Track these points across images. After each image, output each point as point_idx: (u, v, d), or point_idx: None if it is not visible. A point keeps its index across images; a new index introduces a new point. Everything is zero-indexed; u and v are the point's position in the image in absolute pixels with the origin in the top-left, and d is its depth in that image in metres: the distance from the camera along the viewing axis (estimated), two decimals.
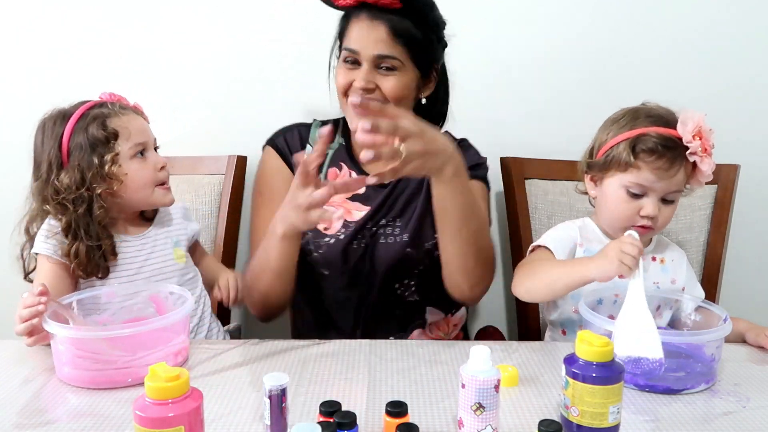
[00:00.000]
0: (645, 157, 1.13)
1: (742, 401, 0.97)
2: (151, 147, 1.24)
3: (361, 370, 1.05)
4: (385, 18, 1.26)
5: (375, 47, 1.26)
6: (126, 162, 1.20)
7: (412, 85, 1.31)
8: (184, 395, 0.75)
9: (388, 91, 1.28)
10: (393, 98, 1.28)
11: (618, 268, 1.03)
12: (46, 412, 0.92)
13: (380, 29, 1.25)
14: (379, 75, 1.28)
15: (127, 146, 1.20)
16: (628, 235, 1.07)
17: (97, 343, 1.00)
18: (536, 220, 1.59)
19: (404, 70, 1.28)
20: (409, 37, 1.26)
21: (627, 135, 1.15)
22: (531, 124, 1.67)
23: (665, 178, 1.13)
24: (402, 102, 1.30)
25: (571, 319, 1.24)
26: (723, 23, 1.64)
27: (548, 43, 1.65)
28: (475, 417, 0.82)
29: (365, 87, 1.27)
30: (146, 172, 1.22)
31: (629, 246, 1.04)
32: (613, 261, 1.04)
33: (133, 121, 1.23)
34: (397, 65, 1.27)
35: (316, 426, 0.77)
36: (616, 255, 1.03)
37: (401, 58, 1.27)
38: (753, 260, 1.74)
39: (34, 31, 1.63)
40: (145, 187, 1.22)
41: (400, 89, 1.28)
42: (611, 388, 0.84)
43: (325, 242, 1.35)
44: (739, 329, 1.16)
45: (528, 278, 1.17)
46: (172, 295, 1.15)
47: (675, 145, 1.12)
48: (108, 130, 1.18)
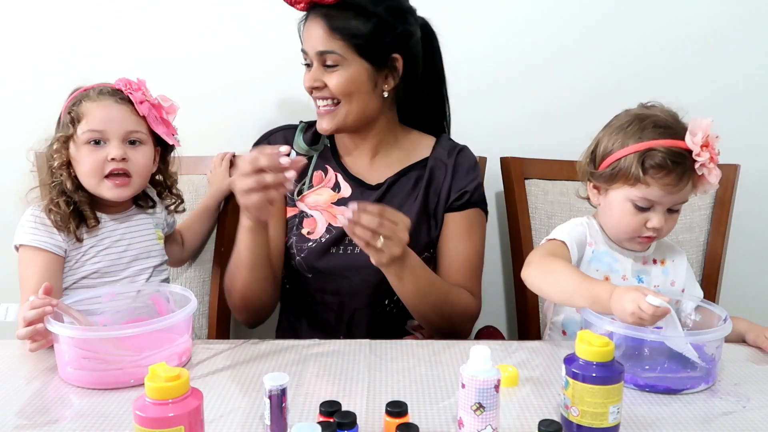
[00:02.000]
0: (654, 173, 1.10)
1: (742, 401, 0.97)
2: (112, 138, 1.21)
3: (361, 370, 1.05)
4: (321, 14, 1.26)
5: (315, 44, 1.27)
6: (79, 147, 1.22)
7: (361, 79, 1.28)
8: (184, 395, 0.75)
9: (333, 87, 1.28)
10: (340, 93, 1.28)
11: (634, 323, 0.98)
12: (47, 413, 0.92)
13: (318, 26, 1.26)
14: (326, 72, 1.28)
15: (81, 131, 1.21)
16: (649, 306, 0.95)
17: (102, 343, 1.00)
18: (536, 220, 1.59)
19: (348, 64, 1.27)
20: (348, 30, 1.25)
21: (635, 148, 1.12)
22: (531, 124, 1.67)
23: (674, 192, 1.12)
24: (354, 96, 1.29)
25: (574, 319, 1.24)
26: (723, 23, 1.64)
27: (548, 43, 1.65)
28: (475, 417, 0.82)
29: (312, 86, 1.29)
30: (91, 161, 1.21)
31: (648, 318, 0.96)
32: (631, 319, 0.97)
33: (100, 109, 1.22)
34: (338, 60, 1.26)
35: (316, 426, 0.77)
36: (632, 315, 0.96)
37: (341, 53, 1.26)
38: (753, 260, 1.74)
39: (27, 29, 1.63)
40: (90, 175, 1.22)
41: (345, 84, 1.27)
42: (611, 388, 0.84)
43: (307, 246, 1.35)
44: (739, 329, 1.16)
45: (545, 278, 1.13)
46: (172, 294, 1.15)
47: (684, 159, 1.10)
48: (73, 113, 1.22)
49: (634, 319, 0.96)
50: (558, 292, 1.12)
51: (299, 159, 1.12)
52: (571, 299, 1.10)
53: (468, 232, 1.36)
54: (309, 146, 1.41)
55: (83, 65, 1.63)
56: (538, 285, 1.15)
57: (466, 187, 1.36)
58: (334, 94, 1.28)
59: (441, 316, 1.28)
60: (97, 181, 1.22)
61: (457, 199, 1.36)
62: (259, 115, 1.64)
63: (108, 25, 1.63)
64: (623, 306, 0.97)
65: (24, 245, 1.20)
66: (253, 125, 1.61)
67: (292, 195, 1.38)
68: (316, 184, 1.38)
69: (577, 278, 1.08)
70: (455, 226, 1.35)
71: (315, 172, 1.39)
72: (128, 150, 1.23)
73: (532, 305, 1.56)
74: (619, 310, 0.98)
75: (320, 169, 1.40)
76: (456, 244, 1.35)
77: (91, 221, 1.23)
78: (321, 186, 1.38)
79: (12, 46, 1.64)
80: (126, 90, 1.24)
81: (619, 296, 0.99)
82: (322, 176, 1.39)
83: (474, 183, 1.37)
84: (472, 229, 1.36)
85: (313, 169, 1.39)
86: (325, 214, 1.36)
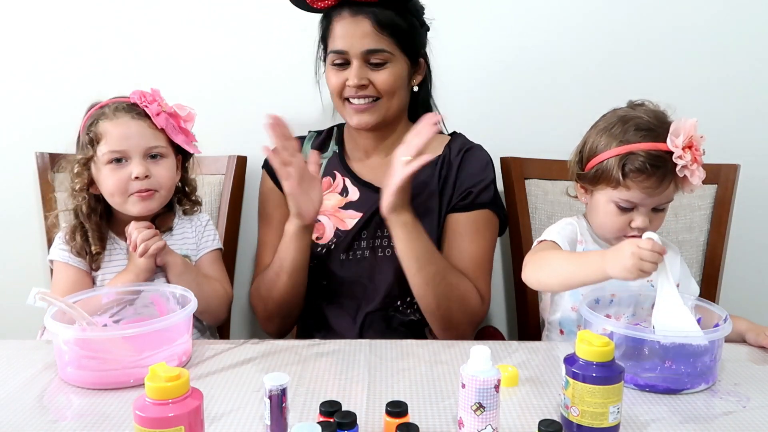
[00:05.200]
0: (634, 176, 1.11)
1: (742, 401, 0.97)
2: (134, 155, 1.21)
3: (361, 370, 1.05)
4: (367, 12, 1.25)
5: (362, 43, 1.25)
6: (100, 167, 1.22)
7: (404, 75, 1.31)
8: (184, 395, 0.75)
9: (382, 86, 1.28)
10: (387, 92, 1.28)
11: (638, 277, 1.01)
12: (47, 413, 0.92)
13: (364, 24, 1.25)
14: (370, 71, 1.27)
15: (101, 152, 1.21)
16: (647, 240, 1.02)
17: (102, 343, 1.00)
18: (536, 220, 1.59)
19: (395, 61, 1.28)
20: (395, 27, 1.26)
21: (616, 152, 1.13)
22: (531, 124, 1.67)
23: (655, 195, 1.13)
24: (396, 94, 1.30)
25: (569, 317, 1.24)
26: (723, 23, 1.64)
27: (548, 43, 1.65)
28: (475, 417, 0.82)
29: (358, 84, 1.27)
30: (114, 181, 1.21)
31: (649, 254, 1.00)
32: (632, 271, 1.00)
33: (118, 128, 1.21)
34: (387, 58, 1.27)
35: (316, 426, 0.77)
36: (634, 265, 0.99)
37: (390, 50, 1.26)
38: (753, 260, 1.74)
39: (27, 35, 1.63)
40: (115, 195, 1.22)
41: (393, 82, 1.28)
42: (611, 388, 0.84)
43: (316, 252, 1.35)
44: (739, 329, 1.16)
45: (541, 270, 1.16)
46: (173, 295, 1.15)
47: (664, 162, 1.10)
48: (92, 134, 1.21)
49: (635, 263, 0.99)
50: (556, 278, 1.14)
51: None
52: (571, 279, 1.11)
53: (474, 233, 1.33)
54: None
55: (90, 69, 1.63)
56: (537, 279, 1.16)
57: (472, 187, 1.34)
58: (380, 92, 1.28)
59: (437, 294, 1.25)
60: (123, 199, 1.23)
61: (461, 199, 1.34)
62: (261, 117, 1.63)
63: (118, 28, 1.63)
64: (622, 257, 1.01)
65: (55, 260, 1.27)
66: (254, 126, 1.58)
67: None
68: (324, 190, 1.37)
69: (570, 258, 1.13)
70: (460, 228, 1.33)
71: (324, 179, 1.40)
72: (150, 165, 1.23)
73: (532, 305, 1.56)
74: (619, 265, 1.01)
75: (328, 175, 1.40)
76: (460, 245, 1.33)
77: (96, 247, 1.24)
78: (329, 191, 1.38)
79: (19, 49, 1.64)
80: (141, 103, 1.23)
81: (613, 253, 1.04)
82: (330, 182, 1.39)
83: (482, 183, 1.34)
84: (480, 230, 1.34)
85: (322, 175, 1.40)
86: (332, 219, 1.36)
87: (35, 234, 1.63)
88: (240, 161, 1.61)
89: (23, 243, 1.66)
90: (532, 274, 1.16)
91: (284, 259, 1.27)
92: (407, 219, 1.22)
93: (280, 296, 1.30)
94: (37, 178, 1.54)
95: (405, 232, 1.23)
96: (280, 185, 1.36)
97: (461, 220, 1.34)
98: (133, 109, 1.23)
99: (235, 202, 1.60)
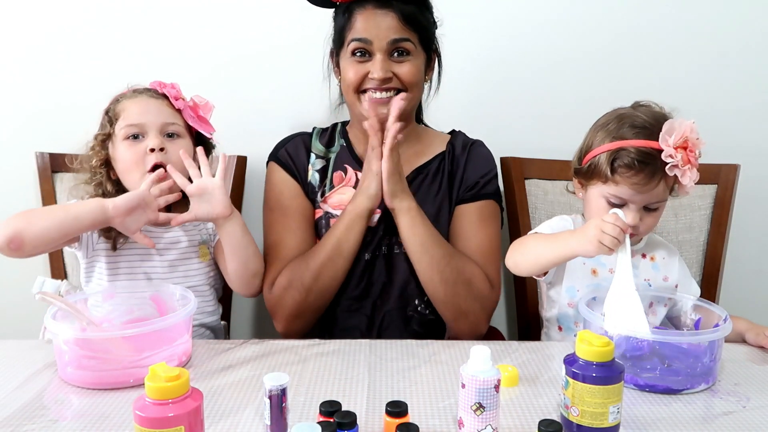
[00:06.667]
0: (623, 172, 1.12)
1: (742, 401, 0.97)
2: (150, 130, 1.21)
3: (361, 370, 1.05)
4: (393, 5, 1.28)
5: (388, 33, 1.27)
6: (117, 144, 1.22)
7: (422, 69, 1.34)
8: (184, 395, 0.75)
9: (405, 77, 1.29)
10: (410, 83, 1.30)
11: (597, 249, 1.05)
12: (47, 413, 0.92)
13: (390, 16, 1.27)
14: (393, 63, 1.29)
15: (119, 128, 1.21)
16: (611, 214, 1.07)
17: (102, 343, 1.00)
18: (536, 220, 1.59)
19: (416, 53, 1.31)
20: (417, 22, 1.29)
21: (607, 147, 1.14)
22: (531, 124, 1.67)
23: (644, 192, 1.13)
24: (416, 87, 1.33)
25: (567, 314, 1.24)
26: (723, 23, 1.64)
27: (549, 43, 1.65)
28: (475, 417, 0.82)
29: (383, 77, 1.28)
30: (130, 155, 1.20)
31: (610, 227, 1.04)
32: (592, 241, 1.05)
33: (136, 104, 1.22)
34: (411, 49, 1.29)
35: (316, 426, 0.77)
36: (595, 236, 1.04)
37: (414, 41, 1.29)
38: (753, 260, 1.74)
39: (27, 35, 1.62)
40: (131, 171, 1.21)
41: (415, 74, 1.31)
42: (611, 388, 0.84)
43: None
44: (739, 329, 1.16)
45: (517, 252, 1.20)
46: (173, 295, 1.15)
47: (653, 159, 1.10)
48: (111, 113, 1.23)
49: (596, 234, 1.04)
50: (529, 259, 1.17)
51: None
52: (541, 257, 1.15)
53: (480, 221, 1.35)
54: (326, 149, 1.42)
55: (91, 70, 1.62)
56: (514, 262, 1.20)
57: (478, 178, 1.37)
58: (405, 84, 1.30)
59: (444, 279, 1.26)
60: (139, 176, 1.20)
61: (468, 190, 1.36)
62: (261, 117, 1.64)
63: (119, 28, 1.62)
64: (586, 229, 1.06)
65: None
66: (255, 126, 1.62)
67: (315, 196, 1.39)
68: (337, 185, 1.38)
69: (542, 239, 1.18)
70: (467, 217, 1.35)
71: (334, 173, 1.40)
72: (166, 142, 1.22)
73: (532, 305, 1.56)
74: (583, 237, 1.06)
75: (339, 170, 1.40)
76: (467, 232, 1.34)
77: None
78: (342, 185, 1.38)
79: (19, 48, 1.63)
80: (161, 89, 1.25)
81: (581, 228, 1.10)
82: (342, 176, 1.39)
83: (488, 175, 1.38)
84: (486, 219, 1.36)
85: (332, 170, 1.40)
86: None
87: None
88: (240, 161, 1.61)
89: None
90: (510, 258, 1.21)
91: (345, 242, 1.28)
92: (410, 204, 1.27)
93: (332, 283, 1.30)
94: (37, 178, 1.54)
95: (409, 217, 1.26)
96: (294, 176, 1.39)
97: (468, 210, 1.36)
98: (153, 91, 1.26)
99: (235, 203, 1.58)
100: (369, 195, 1.27)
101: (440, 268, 1.26)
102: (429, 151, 1.41)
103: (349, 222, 1.28)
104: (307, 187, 1.40)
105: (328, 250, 1.28)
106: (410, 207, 1.27)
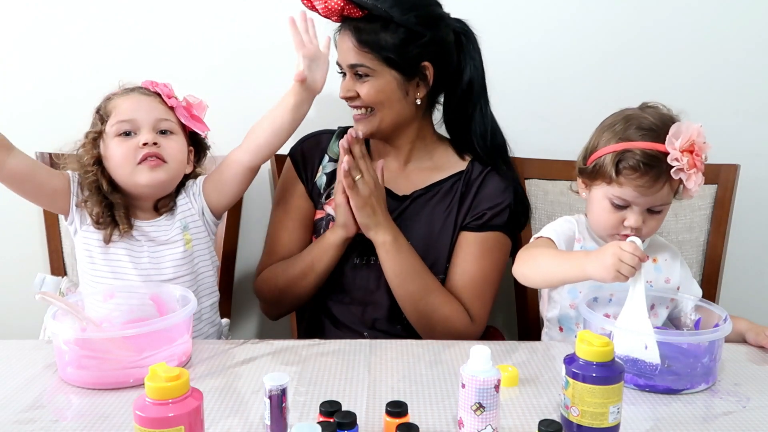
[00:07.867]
0: (628, 173, 1.11)
1: (742, 401, 0.97)
2: (143, 126, 1.19)
3: (361, 370, 1.05)
4: (351, 27, 1.28)
5: (346, 57, 1.30)
6: (108, 142, 1.20)
7: (391, 88, 1.30)
8: (184, 395, 0.75)
9: (364, 96, 1.30)
10: (370, 102, 1.31)
11: (614, 278, 1.02)
12: (47, 413, 0.92)
13: (347, 39, 1.29)
14: (357, 83, 1.31)
15: (110, 125, 1.20)
16: (630, 243, 1.04)
17: (102, 343, 1.00)
18: (536, 220, 1.59)
19: (377, 75, 1.29)
20: (374, 43, 1.27)
21: (613, 148, 1.13)
22: (531, 124, 1.67)
23: (648, 194, 1.12)
24: (385, 105, 1.31)
25: (568, 315, 1.24)
26: (724, 23, 1.64)
27: (549, 43, 1.65)
28: (475, 417, 0.82)
29: (345, 96, 1.32)
30: (121, 151, 1.18)
31: (629, 257, 1.01)
32: (609, 269, 1.02)
33: (128, 101, 1.21)
34: (368, 72, 1.29)
35: (316, 426, 0.77)
36: (613, 265, 1.01)
37: (370, 65, 1.28)
38: (753, 260, 1.74)
39: (27, 34, 1.62)
40: (122, 166, 1.19)
41: (375, 94, 1.30)
42: (611, 388, 0.84)
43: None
44: (739, 329, 1.16)
45: (527, 264, 1.18)
46: (172, 295, 1.15)
47: (659, 162, 1.10)
48: (102, 111, 1.22)
49: (614, 262, 1.01)
50: (539, 274, 1.16)
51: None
52: (552, 276, 1.14)
53: (481, 253, 1.33)
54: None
55: (91, 69, 1.62)
56: (522, 274, 1.18)
57: (486, 209, 1.34)
58: (366, 103, 1.31)
59: (418, 311, 1.29)
60: (131, 169, 1.18)
61: (475, 219, 1.35)
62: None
63: (119, 28, 1.62)
64: (603, 256, 1.03)
65: None
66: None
67: (320, 198, 1.40)
68: None
69: (555, 256, 1.15)
70: (467, 247, 1.34)
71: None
72: (159, 138, 1.20)
73: (532, 305, 1.55)
74: (599, 263, 1.03)
75: None
76: (463, 263, 1.33)
77: (124, 226, 1.20)
78: None
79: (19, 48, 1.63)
80: (153, 87, 1.24)
81: (596, 252, 1.07)
82: None
83: (497, 207, 1.34)
84: (486, 252, 1.34)
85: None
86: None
87: (35, 234, 1.63)
88: None
89: (23, 243, 1.66)
90: (518, 268, 1.19)
91: (318, 262, 1.31)
92: (385, 238, 1.27)
93: (303, 293, 1.35)
94: None
95: (384, 251, 1.28)
96: (303, 177, 1.42)
97: (470, 239, 1.34)
98: (145, 89, 1.25)
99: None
100: (341, 224, 1.29)
101: (414, 301, 1.28)
102: (446, 168, 1.39)
103: (325, 246, 1.31)
104: (313, 188, 1.41)
105: (302, 266, 1.33)
106: (384, 241, 1.27)
